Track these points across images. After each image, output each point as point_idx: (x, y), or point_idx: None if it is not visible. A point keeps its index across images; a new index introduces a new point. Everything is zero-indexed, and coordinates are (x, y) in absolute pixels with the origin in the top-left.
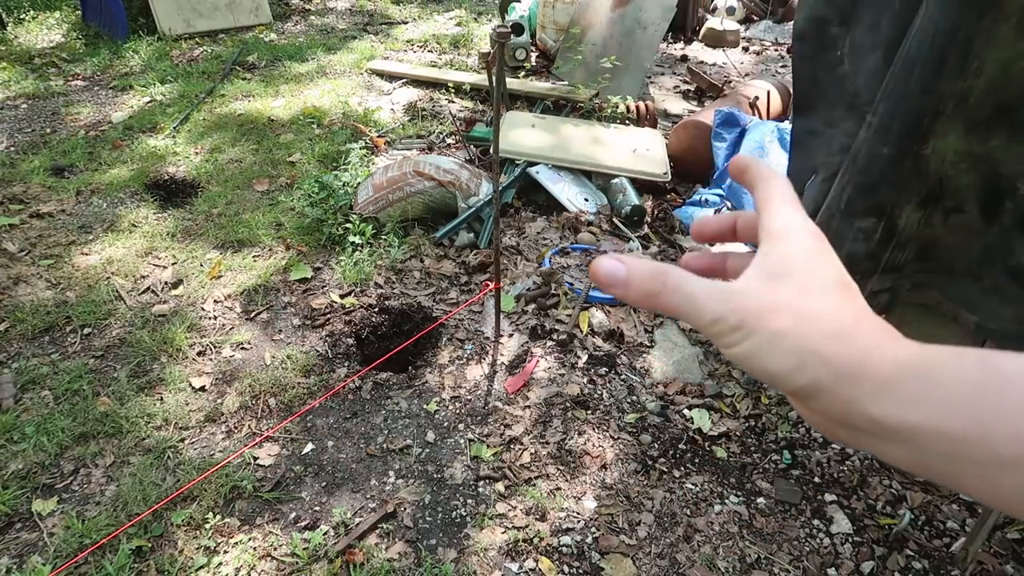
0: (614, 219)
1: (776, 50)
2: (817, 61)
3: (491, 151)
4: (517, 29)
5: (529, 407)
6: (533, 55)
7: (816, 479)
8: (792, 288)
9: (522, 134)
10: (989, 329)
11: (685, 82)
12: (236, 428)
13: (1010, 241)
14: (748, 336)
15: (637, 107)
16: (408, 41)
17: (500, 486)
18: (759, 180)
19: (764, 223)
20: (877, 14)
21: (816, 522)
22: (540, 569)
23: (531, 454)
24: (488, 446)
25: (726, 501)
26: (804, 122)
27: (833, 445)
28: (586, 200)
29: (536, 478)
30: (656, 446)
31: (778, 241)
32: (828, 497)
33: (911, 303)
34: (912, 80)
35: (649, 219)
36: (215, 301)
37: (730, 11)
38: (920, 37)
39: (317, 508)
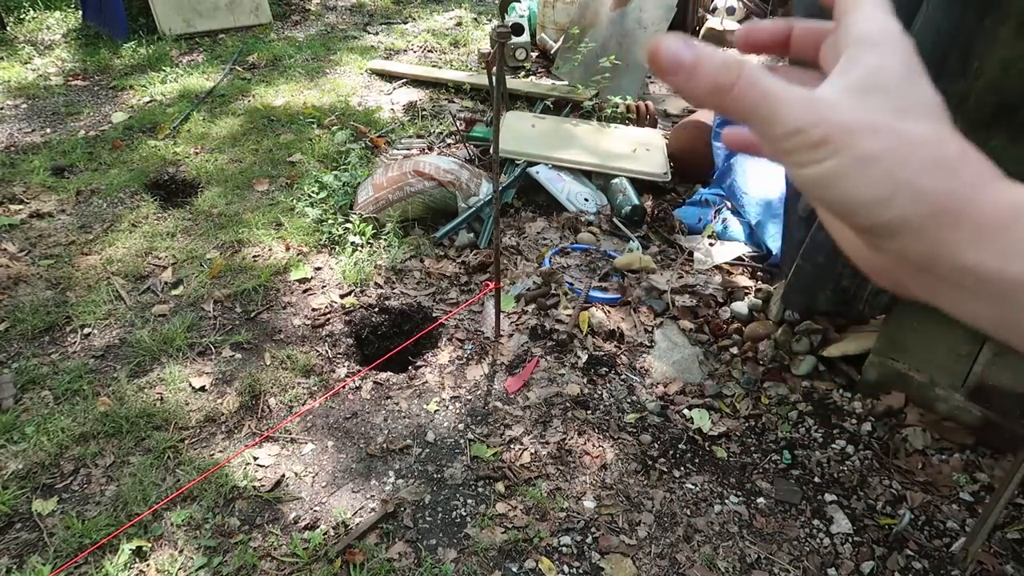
0: (614, 219)
1: None
2: None
3: (491, 151)
4: (517, 29)
5: (529, 407)
6: (533, 55)
7: (816, 479)
8: (890, 106)
9: (522, 134)
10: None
11: None
12: (236, 428)
13: None
14: (833, 154)
15: (637, 107)
16: (408, 41)
17: (500, 486)
18: None
19: (849, 28)
20: None
21: (816, 522)
22: (540, 569)
23: (531, 454)
24: (488, 446)
25: (726, 501)
26: None
27: (833, 445)
28: (586, 200)
29: (536, 478)
30: (656, 446)
31: (872, 48)
32: (828, 497)
33: (912, 303)
34: None
35: (649, 219)
36: (215, 301)
37: (730, 11)
38: (920, 38)
39: (317, 508)
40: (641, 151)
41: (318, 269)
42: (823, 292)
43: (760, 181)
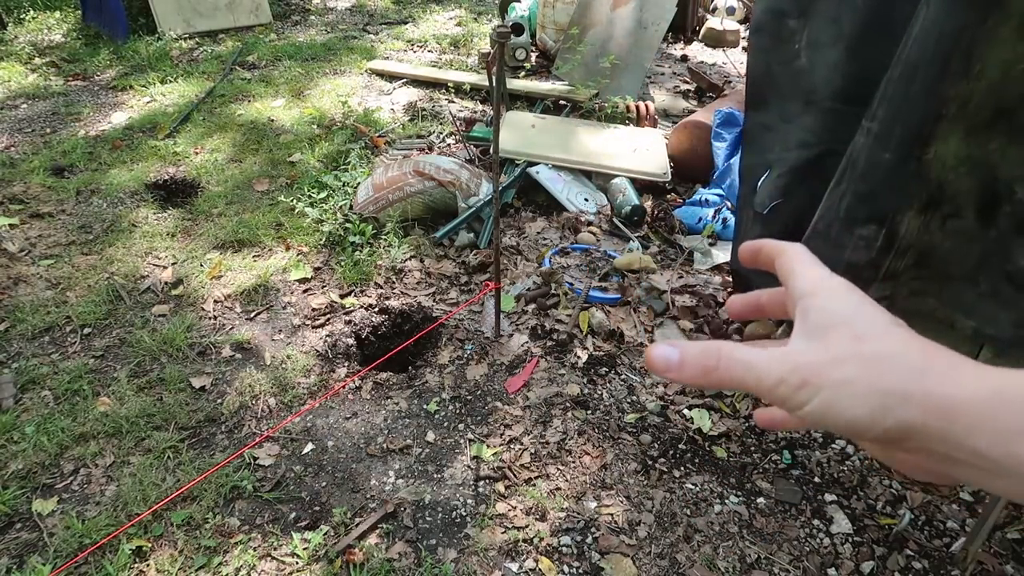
0: (614, 219)
1: None
2: (773, 54)
3: (491, 151)
4: (517, 29)
5: (529, 407)
6: (533, 55)
7: (816, 479)
8: (845, 338)
9: (522, 134)
10: (987, 335)
11: (685, 82)
12: (236, 428)
13: (1008, 245)
14: (816, 392)
15: (637, 107)
16: (408, 41)
17: (500, 486)
18: (776, 255)
19: (793, 288)
20: (836, 8)
21: (816, 522)
22: (540, 569)
23: (531, 454)
24: (488, 446)
25: (726, 501)
26: (758, 116)
27: (833, 445)
28: (586, 200)
29: (536, 478)
30: (656, 446)
31: (813, 298)
32: (828, 497)
33: (907, 310)
34: (914, 84)
35: (649, 219)
36: (215, 301)
37: (730, 11)
38: (922, 40)
39: (317, 508)
40: (641, 151)
41: (318, 269)
42: None
43: None
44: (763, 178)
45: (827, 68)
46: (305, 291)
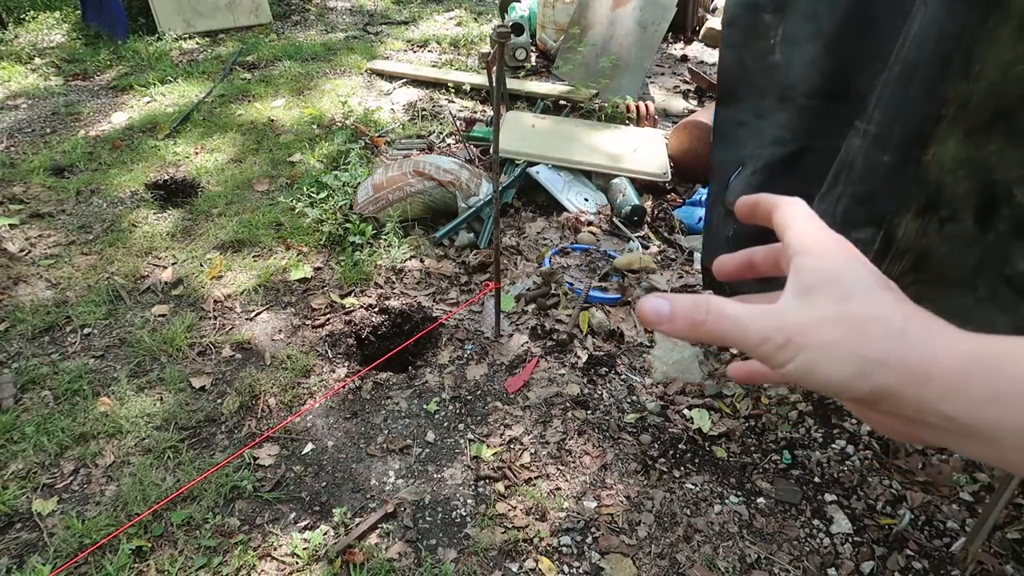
0: (614, 219)
1: None
2: (746, 49)
3: (491, 151)
4: (517, 29)
5: (529, 407)
6: (533, 55)
7: (816, 479)
8: (832, 298)
9: (522, 134)
10: None
11: (685, 82)
12: (236, 428)
13: (1006, 249)
14: (799, 351)
15: (637, 107)
16: (408, 41)
17: (500, 486)
18: (774, 209)
19: (788, 243)
20: (814, 3)
21: (816, 522)
22: (540, 569)
23: (531, 454)
24: (488, 446)
25: (726, 501)
26: (730, 112)
27: (833, 445)
28: (586, 200)
29: (536, 478)
30: (656, 446)
31: (807, 257)
32: (828, 497)
33: None
34: (914, 84)
35: (649, 219)
36: (215, 301)
37: None
38: (921, 40)
39: (317, 508)
40: (641, 151)
41: (318, 269)
42: None
43: None
44: (735, 175)
45: (804, 64)
46: (305, 291)
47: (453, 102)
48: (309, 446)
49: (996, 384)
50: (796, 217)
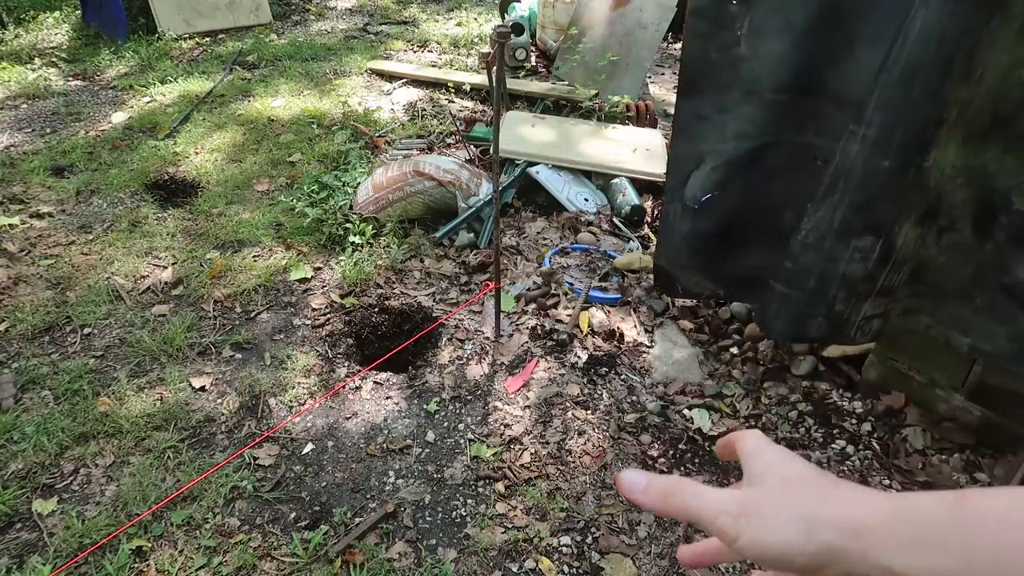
0: (614, 219)
1: None
2: (711, 40)
3: (491, 151)
4: (517, 29)
5: (529, 407)
6: (533, 55)
7: None
8: (777, 478)
9: (522, 134)
10: (982, 351)
11: None
12: (236, 428)
13: (1005, 257)
14: (751, 519)
15: (637, 107)
16: (408, 41)
17: (500, 486)
18: (736, 442)
19: (742, 455)
20: None
21: None
22: (540, 569)
23: (531, 454)
24: (488, 446)
25: None
26: (691, 105)
27: (833, 445)
28: (586, 200)
29: (536, 478)
30: (656, 446)
31: (755, 457)
32: None
33: (900, 329)
34: (915, 87)
35: (649, 219)
36: (215, 301)
37: None
38: (923, 42)
39: (317, 508)
40: (641, 151)
41: (318, 269)
42: (814, 319)
43: None
44: (695, 170)
45: (772, 58)
46: (305, 291)
47: (453, 102)
48: (309, 446)
49: (915, 531)
50: (750, 437)
